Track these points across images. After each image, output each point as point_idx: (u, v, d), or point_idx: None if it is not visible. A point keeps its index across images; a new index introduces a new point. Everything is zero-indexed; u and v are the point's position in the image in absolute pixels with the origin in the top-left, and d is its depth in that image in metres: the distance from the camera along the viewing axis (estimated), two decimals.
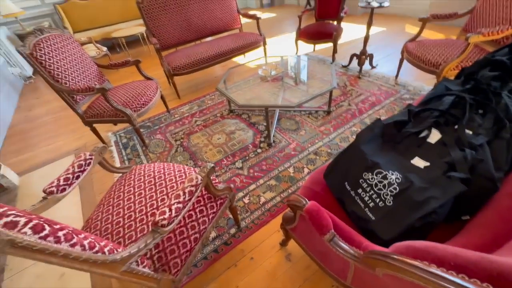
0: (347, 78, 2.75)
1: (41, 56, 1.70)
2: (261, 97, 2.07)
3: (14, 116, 3.09)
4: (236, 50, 2.92)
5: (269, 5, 6.80)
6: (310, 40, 3.03)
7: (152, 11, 2.71)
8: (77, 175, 1.01)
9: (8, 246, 0.41)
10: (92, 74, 2.10)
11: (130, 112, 1.88)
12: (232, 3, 3.17)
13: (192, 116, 2.49)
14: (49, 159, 2.24)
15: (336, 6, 3.04)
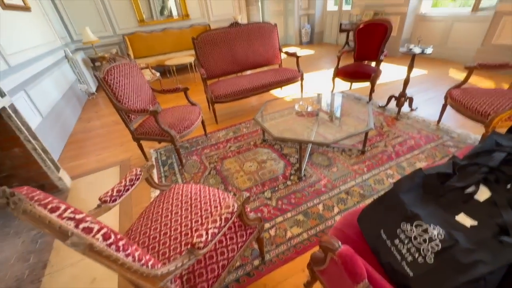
0: (384, 118, 2.72)
1: (110, 80, 2.00)
2: (295, 130, 2.13)
3: (76, 126, 3.54)
4: (274, 84, 3.09)
5: (308, 43, 7.18)
6: (347, 79, 3.11)
7: (204, 46, 3.06)
8: (127, 188, 1.13)
9: (88, 249, 0.49)
10: (147, 96, 2.38)
11: (174, 133, 2.06)
12: (275, 42, 3.44)
13: (227, 141, 2.62)
14: (97, 167, 2.49)
15: (376, 48, 3.12)
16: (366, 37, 3.18)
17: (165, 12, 5.56)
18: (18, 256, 1.58)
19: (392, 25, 2.97)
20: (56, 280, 1.42)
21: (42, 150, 1.98)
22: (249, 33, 3.25)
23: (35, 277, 1.44)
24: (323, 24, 6.98)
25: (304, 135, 2.04)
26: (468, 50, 4.04)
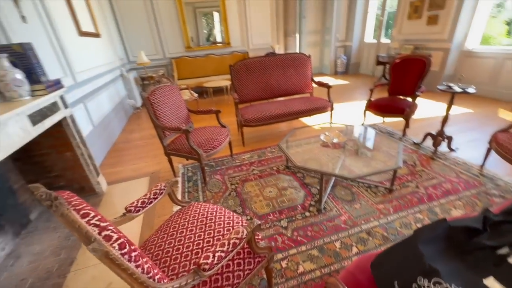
0: (417, 157, 2.56)
1: (153, 100, 2.24)
2: (320, 161, 2.10)
3: (119, 136, 3.94)
4: (303, 112, 3.14)
5: (343, 73, 7.20)
6: (379, 113, 3.03)
7: (239, 73, 3.27)
8: (151, 201, 1.23)
9: (104, 256, 0.56)
10: (182, 115, 2.60)
11: (202, 152, 2.19)
12: (308, 72, 3.55)
13: (251, 164, 2.68)
14: (131, 176, 2.71)
15: (412, 84, 3.03)
16: (402, 72, 3.12)
17: (210, 39, 6.14)
18: (52, 249, 1.76)
19: (431, 61, 2.89)
20: (79, 278, 1.54)
21: (88, 156, 2.24)
22: (283, 63, 3.42)
23: (62, 272, 1.58)
24: (360, 55, 7.00)
25: (328, 167, 2.01)
26: None
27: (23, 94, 1.65)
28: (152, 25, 5.52)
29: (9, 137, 1.37)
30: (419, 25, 4.86)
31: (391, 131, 3.21)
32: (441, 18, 4.43)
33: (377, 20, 6.38)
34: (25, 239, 1.86)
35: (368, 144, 2.32)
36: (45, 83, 1.78)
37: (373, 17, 6.48)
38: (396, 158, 1.87)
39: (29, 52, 1.71)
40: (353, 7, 6.47)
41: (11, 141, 1.38)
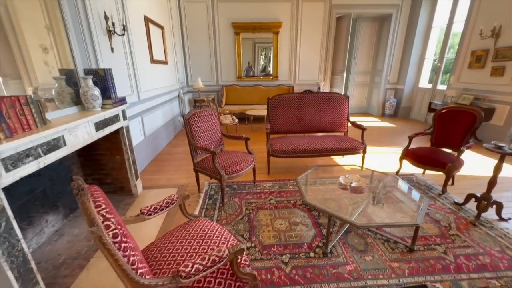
0: (455, 218, 2.26)
1: (192, 121, 2.58)
2: (339, 203, 2.05)
3: (164, 148, 4.47)
4: (333, 151, 3.13)
5: (391, 116, 6.87)
6: (416, 163, 2.82)
7: (276, 106, 3.49)
8: (162, 208, 1.42)
9: (98, 239, 0.74)
10: (216, 138, 2.88)
11: (223, 173, 2.37)
12: (344, 111, 3.57)
13: (270, 193, 2.75)
14: (164, 184, 3.04)
15: (459, 137, 2.79)
16: (448, 124, 2.91)
17: (266, 70, 6.70)
18: (86, 234, 2.08)
19: (482, 115, 2.65)
20: (97, 265, 1.78)
21: (132, 161, 2.64)
22: (319, 101, 3.53)
23: (87, 255, 1.86)
24: (412, 99, 6.64)
25: (346, 211, 1.95)
26: None
27: (96, 106, 2.12)
28: (212, 56, 6.33)
29: (77, 138, 1.78)
30: (481, 75, 4.48)
31: (430, 185, 2.92)
32: (508, 70, 4.02)
33: (434, 65, 6.07)
34: (70, 221, 2.25)
35: (393, 195, 2.18)
36: (113, 100, 2.26)
37: (429, 62, 6.20)
38: (416, 215, 1.72)
39: (108, 75, 2.22)
40: (408, 51, 6.33)
41: (77, 141, 1.79)
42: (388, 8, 6.15)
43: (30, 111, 1.44)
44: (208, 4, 5.93)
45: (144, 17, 3.74)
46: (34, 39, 1.88)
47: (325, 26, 6.24)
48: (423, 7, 5.86)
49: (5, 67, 1.70)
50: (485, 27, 4.30)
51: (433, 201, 2.56)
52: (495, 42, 4.20)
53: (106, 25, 2.62)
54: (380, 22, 6.68)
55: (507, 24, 4.00)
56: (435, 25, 5.93)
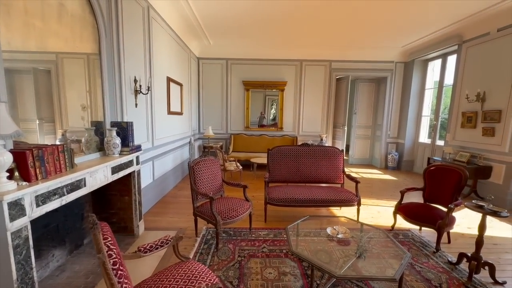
0: (447, 278, 2.24)
1: (196, 168, 2.88)
2: (330, 255, 2.08)
3: (170, 191, 4.71)
4: (328, 202, 3.26)
5: (394, 169, 6.97)
6: (408, 219, 2.89)
7: (275, 156, 3.79)
8: (157, 247, 1.61)
9: (102, 264, 0.95)
10: (217, 184, 3.13)
11: (219, 219, 2.55)
12: (339, 164, 3.80)
13: (264, 241, 2.83)
14: (165, 227, 3.20)
15: (448, 194, 2.90)
16: (437, 180, 3.05)
17: (275, 120, 7.25)
18: (85, 272, 2.21)
19: (467, 174, 2.80)
20: None
21: (139, 202, 2.89)
22: (316, 153, 3.81)
23: None
24: (413, 154, 6.81)
25: (337, 263, 2.00)
26: None
27: (115, 153, 2.49)
28: (223, 108, 7.02)
29: (95, 179, 2.09)
30: (474, 135, 4.71)
31: (426, 242, 2.90)
32: (498, 131, 4.25)
33: (431, 122, 6.40)
34: (73, 258, 2.41)
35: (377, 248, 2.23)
36: (130, 147, 2.64)
37: (427, 119, 6.55)
38: (397, 269, 1.78)
39: (129, 127, 2.65)
40: (405, 109, 6.78)
41: (95, 182, 2.09)
42: (383, 72, 6.86)
43: (64, 157, 1.79)
44: (223, 64, 6.88)
45: (167, 77, 4.44)
46: (77, 100, 2.37)
47: (326, 86, 6.93)
48: (414, 72, 6.51)
49: (43, 112, 2.13)
50: (470, 92, 4.72)
51: (426, 259, 2.55)
52: (481, 105, 4.54)
53: (134, 86, 3.19)
54: (377, 83, 7.35)
55: (491, 90, 4.39)
56: (427, 87, 6.47)
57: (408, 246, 2.81)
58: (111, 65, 2.71)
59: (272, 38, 5.74)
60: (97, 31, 2.48)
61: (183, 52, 5.45)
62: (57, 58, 2.15)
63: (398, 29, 5.10)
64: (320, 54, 6.66)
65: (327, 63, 6.83)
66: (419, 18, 4.52)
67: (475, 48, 4.74)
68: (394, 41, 5.93)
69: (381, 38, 5.65)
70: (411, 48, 6.29)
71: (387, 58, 6.73)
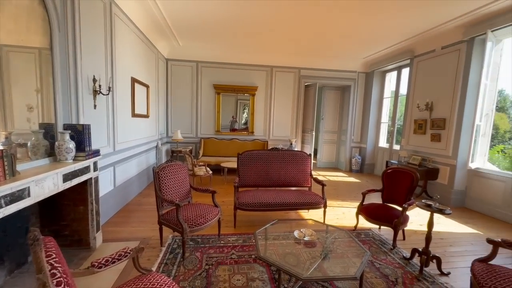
0: (402, 273, 2.42)
1: (161, 174, 2.75)
2: (298, 257, 2.11)
3: (134, 198, 4.42)
4: (296, 205, 3.33)
5: (358, 171, 7.42)
6: (369, 219, 3.08)
7: (245, 160, 3.78)
8: (114, 261, 1.48)
9: (42, 285, 0.84)
10: (184, 191, 3.01)
11: (186, 226, 2.45)
12: (307, 168, 3.92)
13: (233, 248, 2.79)
14: (126, 237, 2.98)
15: (402, 195, 3.15)
16: (394, 182, 3.30)
17: (247, 124, 7.24)
18: None
19: (418, 176, 3.08)
20: None
21: (96, 212, 2.65)
22: (285, 158, 3.89)
23: None
24: (374, 157, 7.33)
25: (304, 265, 2.03)
26: None
27: (69, 158, 2.26)
28: (193, 111, 6.85)
29: (42, 189, 1.87)
30: (424, 140, 5.23)
31: (384, 240, 3.12)
32: (443, 137, 4.78)
33: (388, 128, 6.96)
34: (14, 279, 2.11)
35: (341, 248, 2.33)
36: (87, 152, 2.42)
37: (385, 125, 7.12)
38: (355, 270, 1.88)
39: (86, 130, 2.44)
40: (366, 115, 7.29)
41: (42, 192, 1.87)
42: (347, 81, 7.32)
43: (3, 163, 1.57)
44: (193, 67, 6.73)
45: (131, 78, 4.19)
46: (22, 99, 2.11)
47: (296, 92, 7.17)
48: (374, 82, 7.05)
49: None
50: (420, 102, 5.25)
51: (385, 256, 2.74)
52: (430, 114, 5.08)
53: (93, 86, 2.96)
54: (342, 90, 7.81)
55: (437, 100, 4.93)
56: (385, 96, 7.06)
57: (369, 244, 2.99)
58: (65, 62, 2.47)
59: (243, 43, 5.78)
60: (49, 24, 2.25)
61: (150, 52, 5.22)
62: (0, 51, 1.90)
63: (359, 42, 5.49)
64: (289, 61, 6.87)
65: (296, 70, 7.07)
66: (377, 33, 4.92)
67: (424, 63, 5.31)
68: (357, 53, 6.37)
69: (345, 49, 6.04)
70: (371, 60, 6.81)
71: (350, 68, 7.19)
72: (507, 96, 9.55)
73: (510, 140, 8.58)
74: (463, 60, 4.41)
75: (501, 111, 9.04)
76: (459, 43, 4.48)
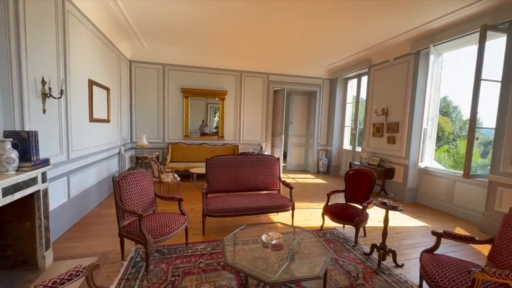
0: (363, 268, 2.58)
1: (122, 183, 2.58)
2: (266, 261, 2.13)
3: (93, 210, 4.08)
4: (265, 209, 3.37)
5: (325, 173, 7.76)
6: (334, 218, 3.23)
7: (214, 166, 3.73)
8: (63, 282, 1.35)
9: None
10: (148, 200, 2.86)
11: (149, 238, 2.33)
12: (275, 171, 4.00)
13: (201, 256, 2.72)
14: (82, 254, 2.73)
15: (363, 194, 3.38)
16: (355, 182, 3.53)
17: (208, 130, 7.11)
18: None
19: (375, 176, 3.33)
20: None
21: (45, 228, 2.39)
22: (254, 162, 3.92)
23: None
24: (339, 159, 7.75)
25: (273, 268, 2.04)
26: (475, 211, 3.95)
27: (10, 169, 2.01)
28: (160, 115, 6.57)
29: None
30: (382, 142, 5.68)
31: (348, 238, 3.30)
32: (397, 139, 5.24)
33: (351, 131, 7.44)
34: None
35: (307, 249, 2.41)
36: (33, 162, 2.18)
37: (349, 129, 7.59)
38: (319, 269, 1.96)
39: (32, 138, 2.20)
40: (331, 119, 7.70)
41: None
42: (313, 86, 7.66)
43: None
44: (160, 70, 6.49)
45: (89, 80, 3.90)
46: None
47: (265, 96, 7.30)
48: (338, 88, 7.49)
49: None
50: (377, 107, 5.71)
51: (348, 253, 2.89)
52: (386, 118, 5.54)
53: (42, 88, 2.68)
54: (309, 96, 8.15)
55: (392, 106, 5.41)
56: (348, 102, 7.53)
57: (334, 243, 3.14)
58: (5, 61, 2.21)
59: (212, 47, 5.74)
60: None
61: (111, 53, 4.91)
62: None
63: (323, 51, 5.81)
64: (258, 66, 6.99)
65: (265, 75, 7.21)
66: (338, 43, 5.25)
67: (380, 72, 5.79)
68: (321, 61, 6.72)
69: (310, 57, 6.33)
70: (334, 68, 7.24)
71: (316, 74, 7.55)
72: (450, 102, 10.81)
73: (453, 141, 9.76)
74: (411, 70, 4.91)
75: (445, 115, 10.23)
76: (408, 55, 4.98)
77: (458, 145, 9.04)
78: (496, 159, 3.54)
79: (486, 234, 3.52)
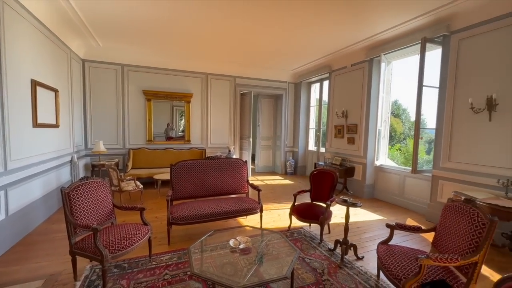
0: (328, 264, 2.71)
1: (74, 195, 2.34)
2: (235, 266, 2.10)
3: (39, 226, 3.61)
4: (234, 213, 3.34)
5: (292, 174, 8.00)
6: (300, 218, 3.34)
7: (179, 171, 3.59)
8: None
9: None
10: (105, 211, 2.63)
11: (106, 253, 2.13)
12: (244, 174, 4.00)
13: (166, 267, 2.58)
14: (23, 278, 2.39)
15: (327, 193, 3.55)
16: (319, 182, 3.69)
17: (175, 134, 6.83)
18: None
19: (337, 175, 3.52)
20: None
21: None
22: (221, 165, 3.87)
23: None
24: (305, 160, 8.06)
25: (241, 273, 2.02)
26: (422, 203, 4.42)
27: None
28: (119, 120, 6.13)
29: None
30: (343, 143, 6.06)
31: (314, 236, 3.43)
32: (356, 140, 5.64)
33: (316, 132, 7.80)
34: None
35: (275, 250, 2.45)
36: None
37: (313, 131, 7.94)
38: (286, 269, 2.00)
39: None
40: (297, 122, 7.98)
41: None
42: (278, 90, 7.87)
43: None
44: (118, 70, 6.07)
45: (32, 80, 3.47)
46: None
47: (232, 99, 7.28)
48: (302, 91, 7.81)
49: None
50: (338, 110, 6.08)
51: (313, 251, 3.01)
52: (346, 120, 5.93)
53: None
54: (275, 99, 8.35)
55: (351, 109, 5.80)
56: (312, 105, 7.89)
57: (301, 242, 3.24)
58: None
59: (175, 48, 5.54)
60: None
61: (60, 51, 4.45)
62: None
63: (288, 56, 6.01)
64: (224, 69, 6.95)
65: (232, 78, 7.20)
66: (302, 49, 5.49)
67: (339, 77, 6.19)
68: (286, 65, 6.94)
69: (275, 61, 6.50)
70: (298, 72, 7.53)
71: (281, 78, 7.77)
72: (400, 105, 11.99)
73: (404, 140, 10.86)
74: (366, 76, 5.34)
75: (397, 117, 11.34)
76: (363, 62, 5.41)
77: (408, 143, 10.05)
78: (437, 156, 4.01)
79: (431, 223, 3.96)
